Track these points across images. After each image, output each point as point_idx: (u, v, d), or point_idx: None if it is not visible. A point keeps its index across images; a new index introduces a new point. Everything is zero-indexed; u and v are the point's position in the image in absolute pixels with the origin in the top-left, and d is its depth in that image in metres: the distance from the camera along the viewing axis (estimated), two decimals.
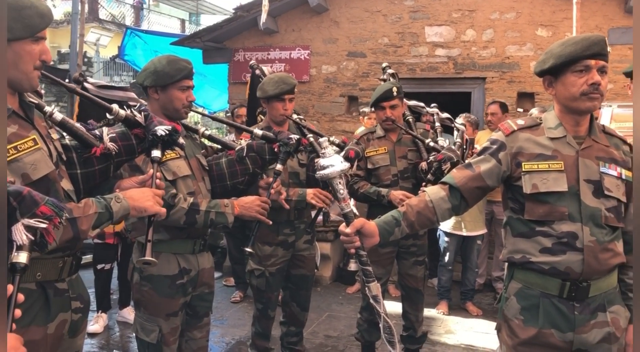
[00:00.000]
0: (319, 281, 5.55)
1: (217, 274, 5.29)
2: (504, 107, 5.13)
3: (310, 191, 3.12)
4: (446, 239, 4.93)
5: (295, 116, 3.26)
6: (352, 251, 1.80)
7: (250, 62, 3.69)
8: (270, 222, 2.61)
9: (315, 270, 3.56)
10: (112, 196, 1.71)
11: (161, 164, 2.12)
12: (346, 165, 1.76)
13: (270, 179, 2.66)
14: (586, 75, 1.78)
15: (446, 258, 4.92)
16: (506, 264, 2.02)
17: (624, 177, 1.87)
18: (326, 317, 4.76)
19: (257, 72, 3.59)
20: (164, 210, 1.83)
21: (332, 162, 1.74)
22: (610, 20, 5.27)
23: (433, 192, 1.92)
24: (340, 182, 1.74)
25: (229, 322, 4.65)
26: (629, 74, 3.10)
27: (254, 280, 3.29)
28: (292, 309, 3.43)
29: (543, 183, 1.82)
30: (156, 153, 1.92)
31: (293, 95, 3.21)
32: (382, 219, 1.86)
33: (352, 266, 5.63)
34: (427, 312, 4.67)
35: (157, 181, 1.90)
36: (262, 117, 3.56)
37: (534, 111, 4.74)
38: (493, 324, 4.50)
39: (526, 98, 5.70)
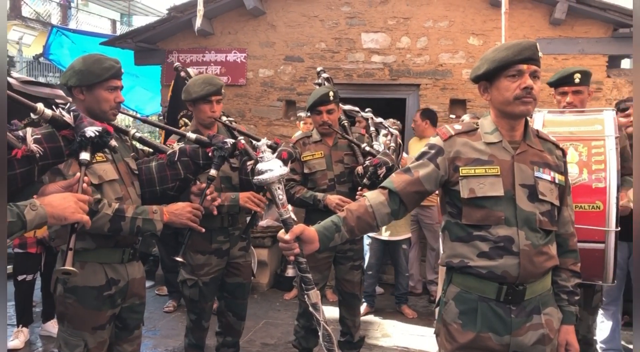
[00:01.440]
0: (256, 288, 5.46)
1: (149, 283, 5.10)
2: (425, 115, 5.24)
3: (243, 195, 3.03)
4: (367, 242, 4.95)
5: (224, 118, 3.17)
6: (292, 258, 1.75)
7: (175, 64, 3.58)
8: (203, 230, 2.51)
9: (252, 277, 3.48)
10: (28, 202, 1.58)
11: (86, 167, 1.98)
12: (285, 169, 1.70)
13: (204, 185, 2.56)
14: (519, 80, 1.81)
15: (366, 262, 4.93)
16: (444, 268, 2.02)
17: (557, 181, 1.91)
18: (263, 324, 4.68)
19: (183, 74, 3.47)
20: (86, 218, 1.70)
21: (271, 167, 1.67)
22: (537, 31, 5.49)
23: (372, 196, 1.90)
24: (279, 188, 1.68)
25: (161, 332, 4.48)
26: (552, 84, 3.22)
27: (187, 290, 3.17)
28: (228, 319, 3.33)
29: (480, 188, 1.84)
30: (85, 156, 1.80)
31: (220, 96, 3.11)
32: (321, 224, 1.82)
33: (290, 271, 5.66)
34: (367, 316, 4.71)
35: (84, 185, 1.77)
36: (186, 120, 3.45)
37: (466, 117, 4.86)
38: (429, 327, 4.62)
39: (458, 105, 5.84)
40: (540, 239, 1.84)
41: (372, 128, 3.66)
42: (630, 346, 4.04)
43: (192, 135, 2.53)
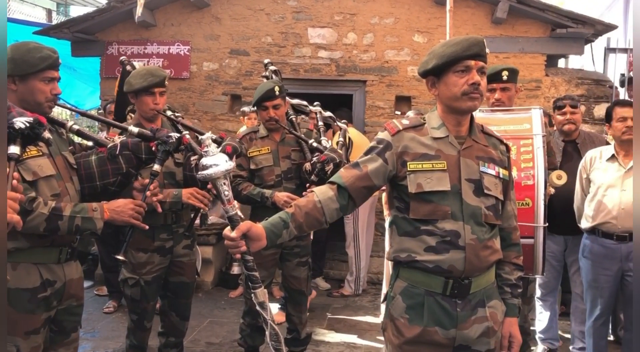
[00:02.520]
0: (200, 286, 5.35)
1: (87, 284, 4.91)
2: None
3: (186, 191, 2.94)
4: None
5: (169, 112, 3.07)
6: (238, 256, 1.69)
7: (121, 58, 3.45)
8: (147, 227, 2.42)
9: (197, 276, 3.39)
10: None
11: (19, 162, 1.85)
12: (231, 164, 1.64)
13: (147, 181, 2.45)
14: (467, 76, 1.82)
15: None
16: (391, 263, 2.02)
17: (501, 176, 1.94)
18: (208, 323, 4.59)
19: (129, 68, 3.35)
20: (17, 218, 1.57)
21: (216, 161, 1.61)
22: (479, 29, 5.62)
23: (321, 192, 1.87)
24: (225, 183, 1.62)
25: (101, 334, 4.32)
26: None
27: (128, 289, 3.06)
28: (171, 319, 3.23)
29: (427, 182, 1.84)
30: (14, 149, 1.66)
31: (164, 88, 3.01)
32: (269, 221, 1.77)
33: (235, 269, 5.57)
34: (313, 312, 4.69)
35: (14, 182, 1.65)
36: (133, 115, 3.33)
37: (410, 114, 4.92)
38: (375, 321, 4.66)
39: (404, 101, 5.90)
40: (485, 233, 1.87)
41: (320, 122, 3.64)
42: (567, 335, 4.20)
43: (135, 129, 2.43)
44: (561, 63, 6.46)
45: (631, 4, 5.09)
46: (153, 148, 2.37)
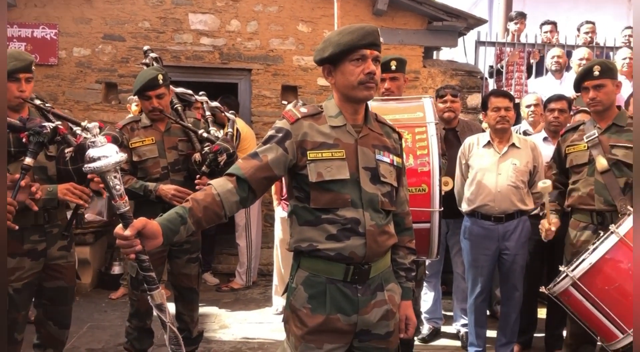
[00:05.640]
0: (77, 290, 4.90)
1: None
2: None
3: (62, 187, 2.66)
4: None
5: (37, 101, 2.77)
6: (132, 256, 1.55)
7: None
8: (17, 227, 2.17)
9: (77, 280, 3.12)
10: None
11: None
12: (122, 156, 1.49)
13: (17, 176, 2.19)
14: (363, 65, 1.83)
15: None
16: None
17: (395, 163, 1.98)
18: (88, 328, 4.28)
19: None
20: None
21: (106, 153, 1.45)
22: (361, 20, 5.70)
23: (219, 184, 1.78)
24: (115, 177, 1.47)
25: None
26: None
27: None
28: (48, 329, 2.92)
29: (327, 171, 1.83)
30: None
31: (30, 74, 2.70)
32: (164, 217, 1.65)
33: (116, 269, 5.24)
34: (202, 309, 4.53)
35: None
36: None
37: (289, 106, 4.92)
38: (267, 313, 4.62)
39: (290, 91, 5.88)
40: (382, 219, 1.90)
41: (207, 113, 3.50)
42: (449, 313, 4.45)
43: None
44: (435, 55, 6.80)
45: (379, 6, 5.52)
46: (24, 140, 2.11)
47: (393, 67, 3.25)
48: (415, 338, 3.88)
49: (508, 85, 5.99)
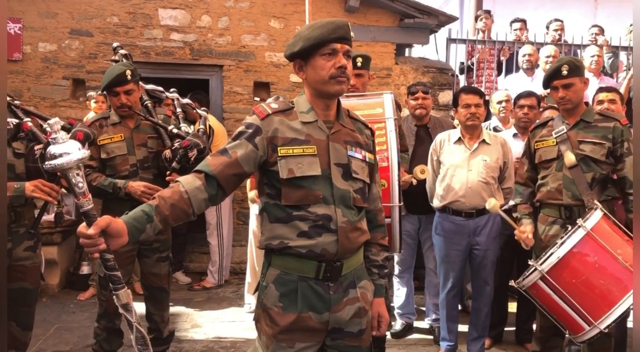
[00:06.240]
0: (44, 291, 4.85)
1: None
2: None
3: (30, 184, 2.60)
4: None
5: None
6: (96, 255, 1.51)
7: None
8: None
9: (42, 281, 3.04)
10: None
11: None
12: (85, 152, 1.44)
13: None
14: (334, 59, 1.81)
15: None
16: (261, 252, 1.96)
17: (367, 159, 1.96)
18: (55, 330, 4.18)
19: None
20: None
21: (68, 149, 1.40)
22: (333, 17, 5.60)
23: (187, 181, 1.74)
24: (78, 174, 1.42)
25: None
26: None
27: None
28: (10, 330, 2.85)
29: (298, 168, 1.80)
30: None
31: None
32: (130, 215, 1.60)
33: (85, 269, 5.14)
34: (174, 308, 4.48)
35: None
36: None
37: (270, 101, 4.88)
38: (240, 312, 4.58)
39: (262, 87, 5.83)
40: (354, 215, 1.88)
41: (178, 109, 3.45)
42: (422, 308, 4.48)
43: None
44: (406, 52, 6.83)
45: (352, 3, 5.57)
46: None
47: (359, 64, 3.27)
48: (388, 333, 3.89)
49: (479, 82, 6.05)
